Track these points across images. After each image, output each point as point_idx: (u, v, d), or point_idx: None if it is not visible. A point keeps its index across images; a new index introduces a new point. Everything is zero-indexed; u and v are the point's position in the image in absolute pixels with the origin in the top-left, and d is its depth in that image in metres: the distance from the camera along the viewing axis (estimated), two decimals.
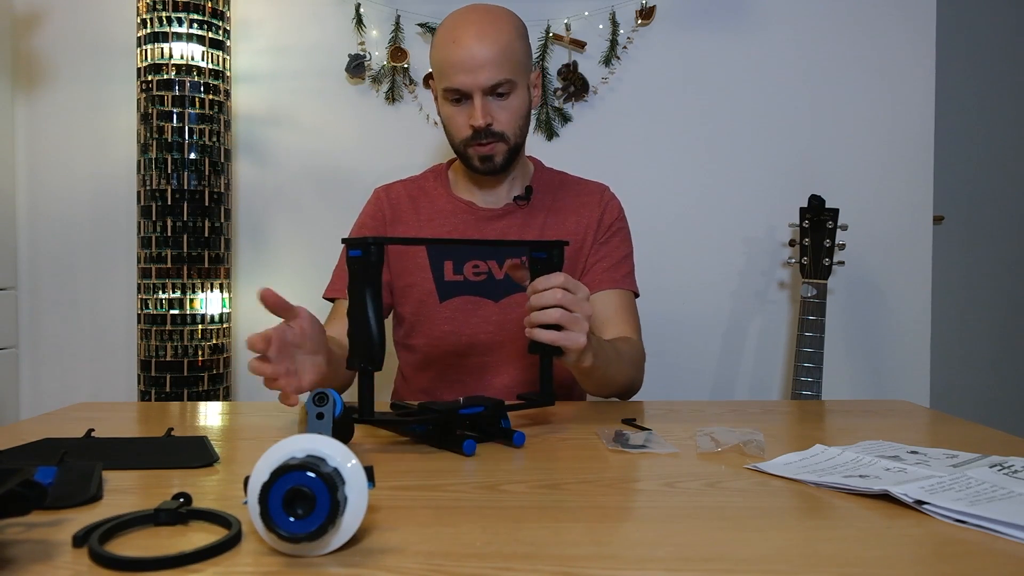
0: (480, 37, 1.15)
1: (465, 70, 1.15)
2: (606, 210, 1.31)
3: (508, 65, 1.16)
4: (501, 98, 1.18)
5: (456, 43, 1.16)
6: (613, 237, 1.31)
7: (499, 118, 1.19)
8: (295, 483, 0.50)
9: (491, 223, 1.28)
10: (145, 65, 1.72)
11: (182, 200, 1.70)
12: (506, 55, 1.16)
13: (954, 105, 2.58)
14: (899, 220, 1.93)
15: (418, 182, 1.36)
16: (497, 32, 1.16)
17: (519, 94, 1.20)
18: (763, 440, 0.81)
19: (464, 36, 1.15)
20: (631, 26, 1.91)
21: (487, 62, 1.14)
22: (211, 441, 0.82)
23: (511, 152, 1.23)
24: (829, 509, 0.63)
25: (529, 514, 0.61)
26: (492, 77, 1.15)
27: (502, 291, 1.26)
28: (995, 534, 0.57)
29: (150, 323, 1.71)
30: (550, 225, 1.29)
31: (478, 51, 1.14)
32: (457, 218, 1.29)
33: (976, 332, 2.68)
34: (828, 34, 1.92)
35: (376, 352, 0.80)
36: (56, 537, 0.55)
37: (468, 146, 1.21)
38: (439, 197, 1.32)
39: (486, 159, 1.21)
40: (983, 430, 0.95)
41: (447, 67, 1.17)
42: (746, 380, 1.95)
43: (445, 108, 1.22)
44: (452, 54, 1.16)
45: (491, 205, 1.29)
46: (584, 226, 1.30)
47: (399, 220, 1.31)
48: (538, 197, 1.30)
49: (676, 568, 0.51)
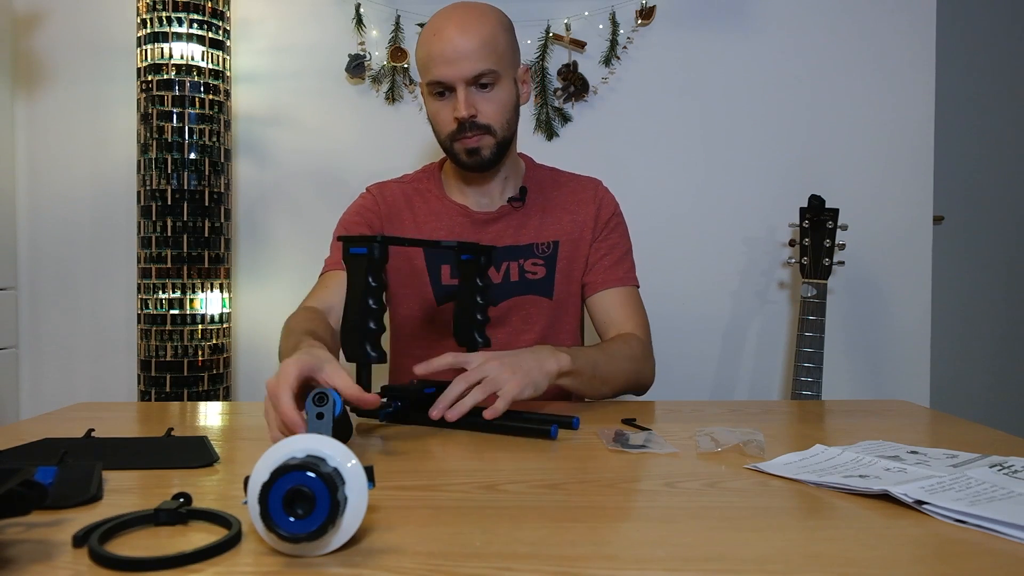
0: (462, 29, 1.15)
1: (446, 62, 1.14)
2: (602, 205, 1.31)
3: (491, 56, 1.16)
4: (485, 89, 1.17)
5: (437, 36, 1.16)
6: (612, 233, 1.30)
7: (483, 110, 1.18)
8: (295, 483, 0.50)
9: (487, 226, 1.27)
10: (145, 65, 1.72)
11: (182, 200, 1.70)
12: (488, 46, 1.15)
13: (954, 105, 2.57)
14: (899, 220, 1.93)
15: (412, 183, 1.34)
16: (479, 24, 1.16)
17: (504, 87, 1.19)
18: (763, 440, 0.81)
19: (445, 29, 1.15)
20: (631, 26, 1.91)
21: (469, 53, 1.14)
22: (211, 441, 0.82)
23: (499, 147, 1.21)
24: (829, 509, 0.63)
25: (529, 514, 0.61)
26: (474, 68, 1.15)
27: (499, 295, 1.26)
28: (995, 534, 0.57)
29: (150, 323, 1.71)
30: (546, 225, 1.28)
31: (460, 43, 1.14)
32: (453, 221, 1.28)
33: (976, 332, 2.68)
34: (828, 34, 1.92)
35: (377, 346, 0.85)
36: (56, 537, 0.55)
37: (454, 140, 1.20)
38: (434, 199, 1.30)
39: (472, 152, 1.20)
40: (983, 430, 0.95)
41: (429, 61, 1.17)
42: (746, 380, 1.95)
43: (430, 104, 1.21)
44: (433, 47, 1.16)
45: (485, 208, 1.28)
46: (580, 223, 1.29)
47: (395, 220, 1.29)
48: (532, 197, 1.29)
49: (676, 568, 0.51)
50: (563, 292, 1.28)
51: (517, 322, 1.27)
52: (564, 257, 1.28)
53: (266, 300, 1.95)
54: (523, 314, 1.27)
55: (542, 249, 1.28)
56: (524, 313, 1.27)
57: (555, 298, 1.27)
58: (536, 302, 1.27)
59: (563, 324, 1.30)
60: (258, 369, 1.95)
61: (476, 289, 1.02)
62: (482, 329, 1.04)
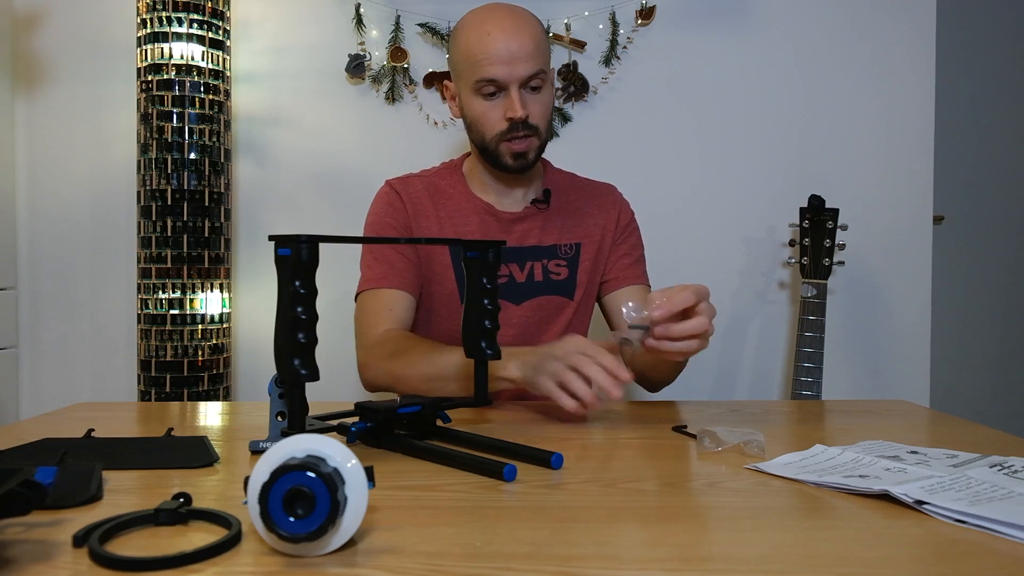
0: (516, 30, 1.16)
1: (502, 62, 1.15)
2: (621, 211, 1.35)
3: (543, 58, 1.19)
4: (535, 92, 1.19)
5: (491, 36, 1.16)
6: (630, 236, 1.35)
7: (534, 111, 1.19)
8: (295, 483, 0.50)
9: (513, 226, 1.28)
10: (145, 65, 1.72)
11: (182, 200, 1.70)
12: (540, 48, 1.18)
13: (954, 105, 2.57)
14: (899, 220, 1.93)
15: (432, 178, 1.33)
16: (530, 26, 1.18)
17: (548, 88, 1.22)
18: (763, 440, 0.81)
19: (497, 30, 1.16)
20: (631, 26, 1.91)
21: (524, 54, 1.15)
22: (211, 441, 0.82)
23: (540, 149, 1.24)
24: (829, 509, 0.63)
25: (529, 514, 0.61)
26: (530, 68, 1.16)
27: (523, 294, 1.27)
28: (995, 534, 0.57)
29: (150, 323, 1.71)
30: (569, 227, 1.31)
31: (515, 43, 1.15)
32: (480, 219, 1.28)
33: (976, 332, 2.68)
34: (828, 34, 1.92)
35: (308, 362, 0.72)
36: (56, 537, 0.55)
37: (502, 141, 1.20)
38: (458, 196, 1.30)
39: (520, 156, 1.20)
40: (983, 430, 0.95)
41: (482, 59, 1.16)
42: (746, 380, 1.95)
43: (476, 104, 1.20)
44: (487, 46, 1.16)
45: (509, 208, 1.29)
46: (602, 227, 1.32)
47: (420, 215, 1.28)
48: (554, 199, 1.31)
49: (676, 568, 0.51)
50: (583, 294, 1.31)
51: (539, 321, 1.29)
52: (586, 259, 1.31)
53: (266, 300, 1.95)
54: (545, 313, 1.29)
55: (565, 251, 1.30)
56: (546, 313, 1.29)
57: (575, 299, 1.30)
58: (558, 302, 1.29)
59: (580, 325, 1.33)
60: (258, 369, 1.95)
61: (484, 291, 0.91)
62: (491, 338, 0.91)
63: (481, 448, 0.81)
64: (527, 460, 0.77)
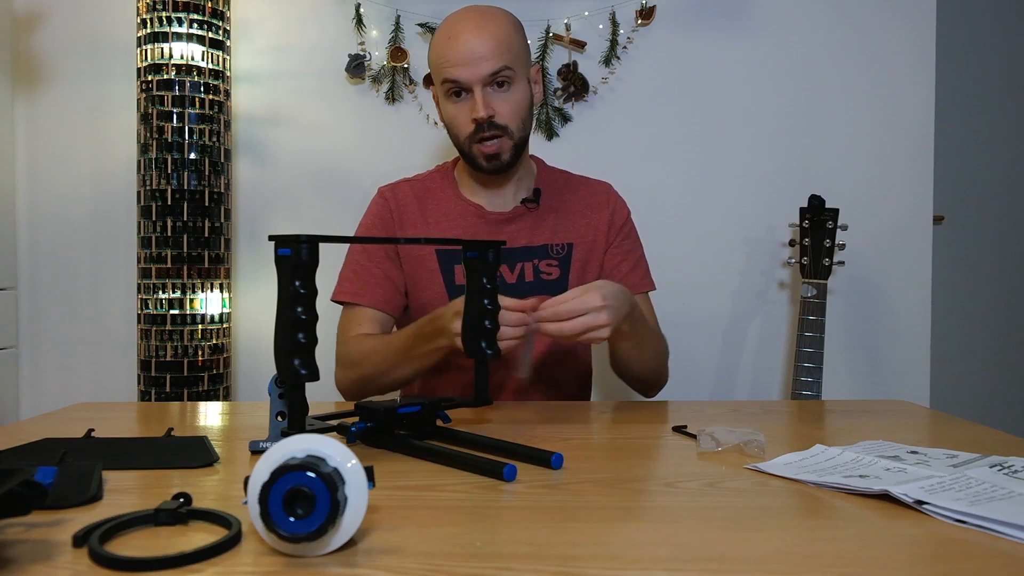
0: (477, 30, 1.16)
1: (463, 63, 1.15)
2: (615, 210, 1.33)
3: (506, 55, 1.17)
4: (501, 88, 1.18)
5: (452, 38, 1.17)
6: (627, 239, 1.33)
7: (501, 111, 1.18)
8: (295, 483, 0.50)
9: (501, 227, 1.28)
10: (145, 65, 1.72)
11: (182, 200, 1.70)
12: (503, 45, 1.16)
13: (954, 105, 2.57)
14: (899, 220, 1.92)
15: (424, 182, 1.33)
16: (493, 25, 1.17)
17: (519, 87, 1.20)
18: (763, 440, 0.81)
19: (460, 31, 1.16)
20: (631, 26, 1.91)
21: (485, 53, 1.15)
22: (211, 441, 0.82)
23: (516, 149, 1.22)
24: (829, 509, 0.63)
25: (529, 514, 0.61)
26: (490, 66, 1.15)
27: (514, 296, 1.26)
28: (995, 534, 0.57)
29: (150, 323, 1.71)
30: (560, 227, 1.30)
31: (475, 44, 1.15)
32: (467, 221, 1.28)
33: (976, 332, 2.68)
34: (828, 34, 1.92)
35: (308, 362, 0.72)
36: (56, 537, 0.55)
37: (472, 143, 1.20)
38: (447, 199, 1.30)
39: (492, 157, 1.20)
40: (983, 430, 0.95)
41: (444, 62, 1.17)
42: (746, 380, 1.95)
43: (447, 107, 1.22)
44: (449, 49, 1.16)
45: (499, 208, 1.29)
46: (595, 228, 1.31)
47: (406, 221, 1.29)
48: (545, 198, 1.30)
49: (676, 568, 0.51)
50: None
51: None
52: (578, 259, 1.29)
53: (266, 300, 1.95)
54: None
55: (556, 250, 1.29)
56: None
57: None
58: None
59: None
60: (258, 369, 1.95)
61: (484, 292, 0.91)
62: (491, 338, 0.91)
63: (481, 448, 0.81)
64: (527, 460, 0.77)
